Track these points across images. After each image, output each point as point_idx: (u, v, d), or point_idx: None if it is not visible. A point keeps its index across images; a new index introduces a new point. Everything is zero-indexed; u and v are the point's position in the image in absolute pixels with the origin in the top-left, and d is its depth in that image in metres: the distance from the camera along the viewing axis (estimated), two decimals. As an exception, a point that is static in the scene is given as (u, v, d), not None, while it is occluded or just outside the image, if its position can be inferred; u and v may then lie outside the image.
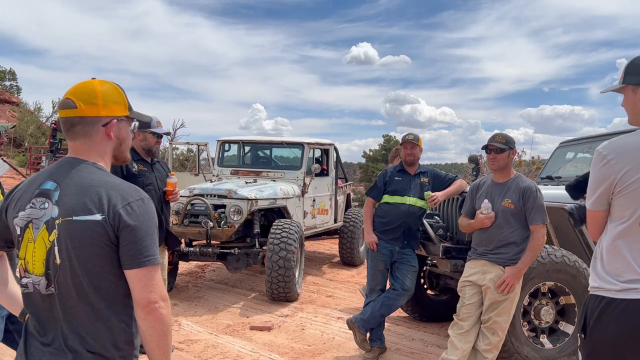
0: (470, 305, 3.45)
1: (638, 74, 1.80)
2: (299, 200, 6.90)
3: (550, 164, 5.59)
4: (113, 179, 1.41)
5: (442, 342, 4.48)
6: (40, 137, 22.70)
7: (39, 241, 1.36)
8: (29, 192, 1.40)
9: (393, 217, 4.18)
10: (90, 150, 1.44)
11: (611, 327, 1.73)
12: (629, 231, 1.75)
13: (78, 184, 1.36)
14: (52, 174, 1.41)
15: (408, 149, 4.27)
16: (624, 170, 1.72)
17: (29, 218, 1.37)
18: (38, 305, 1.39)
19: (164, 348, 1.38)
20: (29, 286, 1.38)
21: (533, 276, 3.68)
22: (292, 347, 4.46)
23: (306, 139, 7.39)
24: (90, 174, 1.39)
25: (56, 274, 1.35)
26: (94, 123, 1.43)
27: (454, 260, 4.12)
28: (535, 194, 3.31)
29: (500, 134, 3.47)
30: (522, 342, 3.72)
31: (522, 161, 14.09)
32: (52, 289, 1.36)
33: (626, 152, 1.74)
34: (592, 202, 1.84)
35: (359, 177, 39.06)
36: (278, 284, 5.64)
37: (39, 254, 1.36)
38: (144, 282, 1.34)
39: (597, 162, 1.80)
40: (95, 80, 1.47)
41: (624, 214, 1.76)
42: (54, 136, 3.01)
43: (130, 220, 1.34)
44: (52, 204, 1.35)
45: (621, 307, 1.72)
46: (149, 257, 1.35)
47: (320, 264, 8.35)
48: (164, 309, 1.36)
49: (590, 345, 1.80)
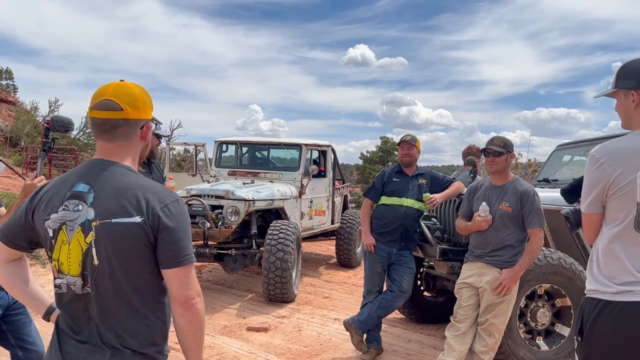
0: (467, 307, 3.46)
1: (629, 78, 1.81)
2: (296, 202, 6.91)
3: (547, 167, 5.62)
4: (147, 181, 1.44)
5: (438, 344, 4.49)
6: (37, 137, 22.61)
7: (74, 243, 1.37)
8: (60, 194, 1.40)
9: (390, 219, 4.19)
10: (126, 152, 1.46)
11: (608, 330, 1.74)
12: (624, 233, 1.77)
13: (114, 186, 1.38)
14: (83, 176, 1.42)
15: (405, 149, 4.28)
16: (616, 173, 1.74)
17: (63, 220, 1.38)
18: (72, 305, 1.41)
19: (200, 340, 1.46)
20: (62, 287, 1.40)
21: (530, 278, 3.69)
22: (289, 348, 4.47)
23: (304, 140, 7.40)
24: (124, 177, 1.41)
25: (94, 275, 1.37)
26: (135, 126, 1.46)
27: (451, 262, 4.13)
28: (533, 198, 3.32)
29: (499, 137, 3.48)
30: (519, 344, 3.73)
31: (518, 164, 14.13)
32: (89, 288, 1.38)
33: (618, 155, 1.76)
34: (587, 205, 1.85)
35: (356, 179, 39.07)
36: (275, 285, 5.65)
37: (74, 255, 1.38)
38: (182, 280, 1.40)
39: (590, 166, 1.81)
40: (130, 84, 1.49)
41: (618, 217, 1.77)
42: (47, 135, 2.97)
43: (168, 221, 1.37)
44: (87, 206, 1.37)
45: (617, 310, 1.73)
46: (187, 256, 1.40)
47: (317, 265, 8.35)
48: (200, 304, 1.43)
49: (587, 348, 1.81)
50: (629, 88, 1.81)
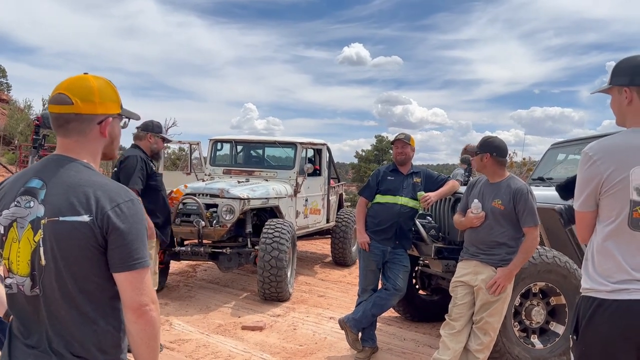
0: (462, 306, 3.46)
1: (623, 75, 1.82)
2: (291, 200, 6.90)
3: (542, 166, 5.63)
4: (102, 178, 1.37)
5: (433, 342, 4.49)
6: (30, 135, 22.50)
7: (24, 241, 1.32)
8: (14, 190, 1.35)
9: (385, 217, 4.18)
10: (82, 148, 1.40)
11: (603, 328, 1.74)
12: (618, 231, 1.77)
13: (65, 183, 1.32)
14: (39, 172, 1.36)
15: (399, 147, 4.28)
16: (609, 170, 1.74)
17: (14, 217, 1.33)
18: (22, 307, 1.35)
19: (154, 350, 1.37)
20: (12, 287, 1.34)
21: (524, 276, 3.70)
22: (284, 347, 4.46)
23: (299, 139, 7.39)
24: (78, 173, 1.34)
25: (41, 275, 1.31)
26: (89, 121, 1.39)
27: (446, 260, 4.13)
28: (526, 196, 3.32)
29: (483, 138, 3.63)
30: (513, 342, 3.74)
31: (513, 162, 14.17)
32: (37, 290, 1.32)
33: (611, 153, 1.76)
34: (580, 203, 1.85)
35: (351, 177, 39.10)
36: (270, 284, 5.63)
37: (23, 254, 1.32)
38: (134, 285, 1.31)
39: (583, 163, 1.81)
40: (89, 76, 1.43)
41: (611, 214, 1.77)
42: (37, 132, 2.98)
43: (119, 222, 1.30)
44: (38, 202, 1.31)
45: (613, 308, 1.73)
46: (139, 259, 1.32)
47: (313, 263, 8.34)
48: (154, 312, 1.34)
49: (582, 346, 1.81)
50: (623, 85, 1.81)
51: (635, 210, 1.74)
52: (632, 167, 1.72)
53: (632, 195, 1.73)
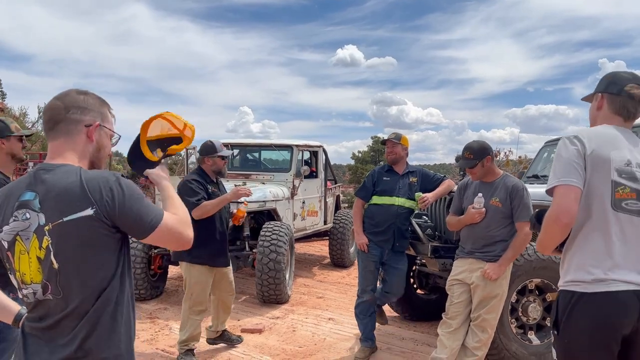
0: (458, 304, 3.48)
1: (601, 84, 1.96)
2: (288, 203, 6.92)
3: (536, 163, 5.67)
4: (87, 173, 1.42)
5: (432, 341, 4.52)
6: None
7: (32, 251, 1.37)
8: (9, 206, 1.40)
9: (382, 218, 4.20)
10: (69, 150, 1.46)
11: (584, 321, 1.74)
12: (597, 222, 1.77)
13: (57, 186, 1.37)
14: (29, 185, 1.41)
15: (389, 147, 4.30)
16: (593, 147, 1.77)
17: (15, 231, 1.38)
18: (39, 311, 1.40)
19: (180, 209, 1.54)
20: (29, 296, 1.40)
21: (520, 273, 3.73)
22: (284, 348, 4.48)
23: (295, 141, 7.41)
24: (67, 174, 1.39)
25: (57, 279, 1.36)
26: (77, 122, 1.47)
27: (443, 259, 4.16)
28: (522, 192, 3.35)
29: (468, 146, 3.50)
30: (511, 339, 3.77)
31: (509, 161, 14.22)
32: (50, 295, 1.37)
33: (594, 135, 1.82)
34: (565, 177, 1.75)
35: (348, 179, 39.07)
36: (269, 287, 5.65)
37: (34, 263, 1.37)
38: (163, 239, 1.46)
39: (564, 145, 1.81)
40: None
41: (592, 198, 1.77)
42: None
43: (119, 201, 1.37)
44: (36, 212, 1.36)
45: (593, 300, 1.74)
46: (152, 220, 1.42)
47: (311, 265, 8.36)
48: (191, 233, 1.51)
49: (564, 340, 1.81)
50: (598, 91, 1.96)
51: (617, 191, 1.76)
52: (611, 150, 1.77)
53: (613, 176, 1.76)
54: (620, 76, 1.92)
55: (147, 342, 4.58)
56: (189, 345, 4.06)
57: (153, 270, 6.02)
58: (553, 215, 1.75)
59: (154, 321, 5.18)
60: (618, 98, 1.89)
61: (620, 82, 1.90)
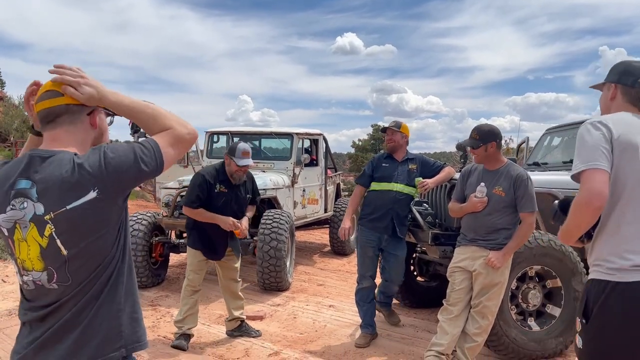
0: (460, 291, 3.49)
1: (614, 74, 1.95)
2: (289, 191, 6.92)
3: (537, 151, 5.66)
4: (80, 158, 1.38)
5: (432, 328, 4.54)
6: (26, 132, 22.39)
7: (30, 239, 1.35)
8: (4, 194, 1.38)
9: (380, 204, 4.20)
10: (70, 138, 1.42)
11: (620, 314, 1.67)
12: (631, 206, 1.72)
13: (55, 175, 1.34)
14: (23, 172, 1.38)
15: (389, 135, 4.31)
16: (618, 133, 1.72)
17: (13, 219, 1.37)
18: (41, 299, 1.39)
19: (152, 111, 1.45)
20: (29, 284, 1.39)
21: (520, 260, 3.74)
22: (285, 335, 4.50)
23: (295, 130, 7.40)
24: (62, 162, 1.35)
25: (66, 265, 1.35)
26: (79, 112, 1.43)
27: (443, 246, 4.16)
28: (526, 182, 3.34)
29: (477, 128, 3.49)
30: (511, 326, 3.79)
31: (510, 149, 14.21)
32: (55, 283, 1.36)
33: (617, 120, 1.78)
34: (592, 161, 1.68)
35: (348, 167, 39.11)
36: (269, 274, 5.67)
37: (33, 251, 1.36)
38: (166, 142, 1.43)
39: (588, 131, 1.74)
40: None
41: (624, 182, 1.72)
42: None
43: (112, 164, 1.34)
44: (34, 202, 1.34)
45: (630, 290, 1.67)
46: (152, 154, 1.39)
47: (311, 253, 8.39)
48: (190, 125, 1.48)
49: (594, 332, 1.74)
50: (611, 82, 1.94)
51: None
52: (637, 135, 1.73)
53: None
54: (634, 67, 1.89)
55: (149, 329, 4.60)
56: (184, 327, 4.12)
57: (154, 258, 6.03)
58: (584, 200, 1.67)
59: (155, 308, 5.21)
60: (632, 90, 1.86)
61: (635, 74, 1.87)
